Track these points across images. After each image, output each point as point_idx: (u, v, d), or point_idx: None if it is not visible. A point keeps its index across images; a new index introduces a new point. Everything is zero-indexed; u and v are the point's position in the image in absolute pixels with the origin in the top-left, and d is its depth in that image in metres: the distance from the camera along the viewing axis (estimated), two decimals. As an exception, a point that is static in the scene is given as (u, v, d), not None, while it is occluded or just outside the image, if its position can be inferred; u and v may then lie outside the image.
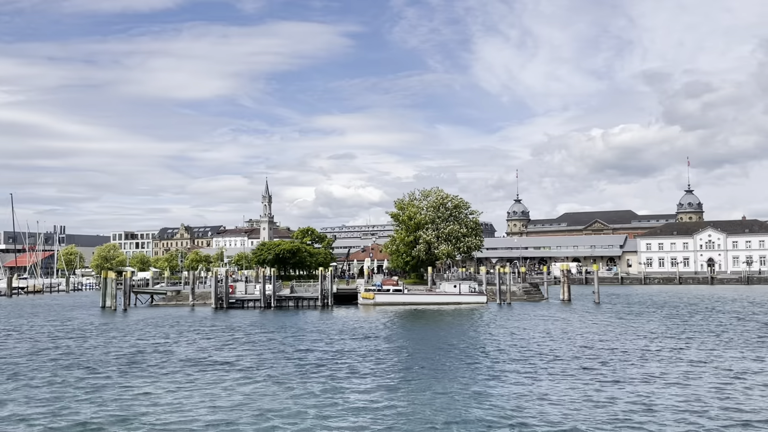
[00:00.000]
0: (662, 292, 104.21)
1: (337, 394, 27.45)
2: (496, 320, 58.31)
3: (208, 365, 35.10)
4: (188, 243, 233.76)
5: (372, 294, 75.98)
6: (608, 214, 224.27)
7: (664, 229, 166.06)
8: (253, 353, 39.36)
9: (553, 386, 28.40)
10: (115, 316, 68.59)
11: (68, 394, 28.04)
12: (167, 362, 36.29)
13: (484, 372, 31.92)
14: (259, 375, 31.97)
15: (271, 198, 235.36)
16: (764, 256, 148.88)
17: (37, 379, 31.44)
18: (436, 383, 29.07)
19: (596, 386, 28.33)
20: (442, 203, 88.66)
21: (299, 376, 31.43)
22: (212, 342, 44.98)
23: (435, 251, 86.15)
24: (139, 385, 29.60)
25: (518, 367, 33.21)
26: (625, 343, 42.20)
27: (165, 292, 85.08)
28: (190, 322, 59.44)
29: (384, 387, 28.71)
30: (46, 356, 38.98)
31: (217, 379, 31.16)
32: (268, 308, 74.68)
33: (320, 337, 47.06)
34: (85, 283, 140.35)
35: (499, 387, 28.38)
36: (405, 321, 59.07)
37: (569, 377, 30.51)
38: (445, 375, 31.15)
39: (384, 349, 40.43)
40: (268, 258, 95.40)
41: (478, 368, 32.94)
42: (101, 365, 35.43)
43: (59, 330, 54.09)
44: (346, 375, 31.70)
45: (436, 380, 29.78)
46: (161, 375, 32.32)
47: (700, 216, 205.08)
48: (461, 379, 30.17)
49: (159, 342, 45.25)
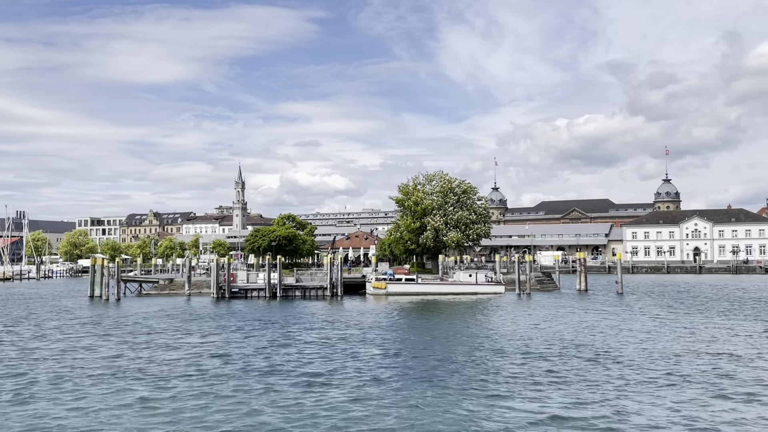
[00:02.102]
0: (666, 282, 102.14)
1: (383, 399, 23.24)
2: (524, 313, 54.29)
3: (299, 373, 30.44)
4: (157, 229, 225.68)
5: (384, 283, 71.63)
6: (585, 202, 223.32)
7: (649, 218, 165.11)
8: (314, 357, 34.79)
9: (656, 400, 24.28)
10: (110, 307, 62.91)
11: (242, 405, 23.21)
12: (237, 369, 31.51)
13: (550, 383, 27.43)
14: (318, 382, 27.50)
15: (244, 184, 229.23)
16: (750, 245, 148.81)
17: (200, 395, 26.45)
18: (491, 396, 24.79)
19: (706, 402, 23.81)
20: (450, 188, 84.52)
21: (362, 383, 27.05)
22: (262, 341, 40.21)
23: (443, 239, 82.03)
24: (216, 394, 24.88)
25: (597, 377, 27.52)
26: (723, 346, 35.62)
27: (157, 280, 79.34)
28: (206, 314, 54.30)
29: (432, 394, 24.54)
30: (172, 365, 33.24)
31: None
32: (274, 298, 69.83)
33: (348, 332, 42.39)
34: (55, 270, 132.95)
35: (588, 407, 24.00)
36: (424, 313, 54.31)
37: (658, 387, 25.65)
38: (497, 384, 26.67)
39: (416, 347, 35.65)
40: (263, 245, 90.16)
41: (539, 377, 28.26)
42: (245, 371, 30.49)
43: (90, 328, 48.57)
44: (395, 379, 27.31)
45: (490, 393, 25.39)
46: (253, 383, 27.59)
47: (677, 205, 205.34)
48: (514, 386, 25.96)
49: (199, 342, 40.28)
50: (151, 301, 67.57)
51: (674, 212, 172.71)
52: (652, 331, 42.06)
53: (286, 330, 43.43)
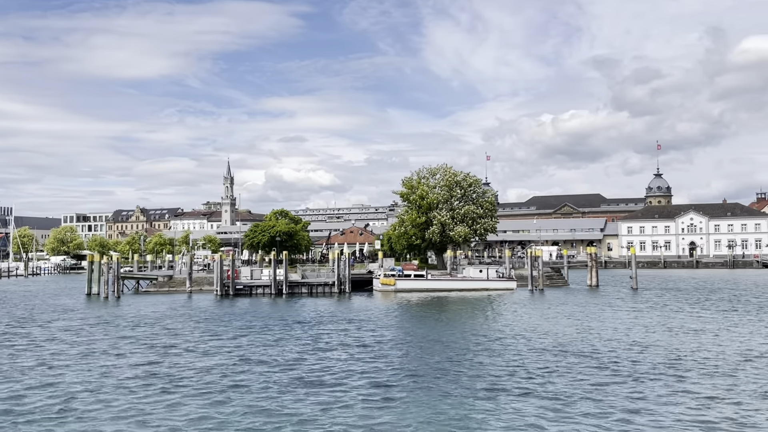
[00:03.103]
0: (670, 277, 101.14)
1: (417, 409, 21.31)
2: (546, 309, 52.61)
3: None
4: (144, 225, 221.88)
5: (393, 280, 69.60)
6: (577, 197, 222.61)
7: (645, 213, 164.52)
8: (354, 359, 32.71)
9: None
10: (112, 305, 60.36)
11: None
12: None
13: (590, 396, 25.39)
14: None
15: (233, 179, 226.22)
16: (746, 240, 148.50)
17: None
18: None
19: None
20: (456, 182, 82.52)
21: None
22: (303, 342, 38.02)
23: (450, 233, 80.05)
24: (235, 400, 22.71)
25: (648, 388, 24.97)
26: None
27: (155, 277, 76.74)
28: (217, 313, 52.03)
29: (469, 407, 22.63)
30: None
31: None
32: (279, 295, 67.54)
33: (366, 333, 40.44)
34: (43, 267, 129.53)
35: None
36: (439, 311, 52.15)
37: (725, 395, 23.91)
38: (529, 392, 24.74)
39: (440, 349, 33.57)
40: (263, 240, 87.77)
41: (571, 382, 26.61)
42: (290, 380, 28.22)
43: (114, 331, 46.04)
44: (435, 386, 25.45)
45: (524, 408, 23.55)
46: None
47: (669, 200, 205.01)
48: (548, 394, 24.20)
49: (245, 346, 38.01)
50: (152, 300, 65.02)
51: (669, 207, 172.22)
52: (708, 330, 39.80)
53: (303, 331, 41.29)
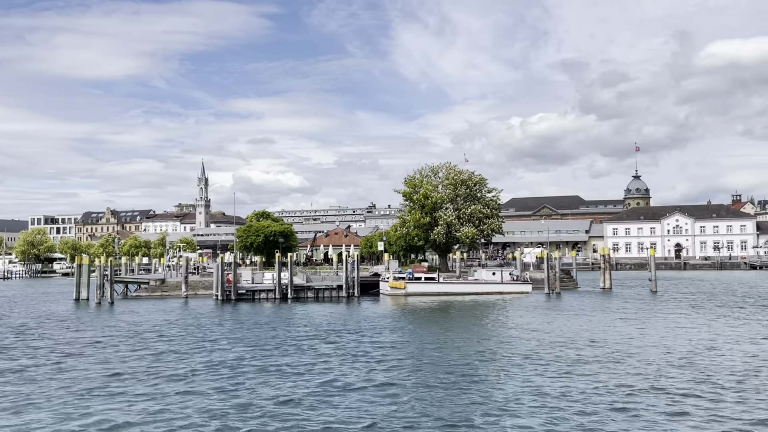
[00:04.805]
0: (669, 278, 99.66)
1: None
2: (568, 316, 49.83)
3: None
4: (115, 228, 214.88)
5: (403, 283, 66.25)
6: (556, 199, 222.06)
7: (630, 214, 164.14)
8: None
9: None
10: (105, 311, 55.81)
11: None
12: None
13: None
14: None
15: (207, 181, 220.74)
16: (731, 241, 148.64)
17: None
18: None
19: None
20: (461, 180, 79.47)
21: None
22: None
23: (456, 234, 76.94)
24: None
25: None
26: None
27: (147, 281, 72.23)
28: (226, 320, 48.09)
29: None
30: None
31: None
32: (284, 300, 63.71)
33: (388, 346, 37.23)
34: (14, 271, 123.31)
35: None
36: (458, 317, 48.49)
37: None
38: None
39: (479, 364, 31.03)
40: (257, 242, 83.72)
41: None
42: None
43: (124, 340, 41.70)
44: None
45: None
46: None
47: (647, 201, 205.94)
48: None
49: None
50: (148, 305, 60.55)
51: (654, 208, 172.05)
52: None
53: (324, 342, 37.83)
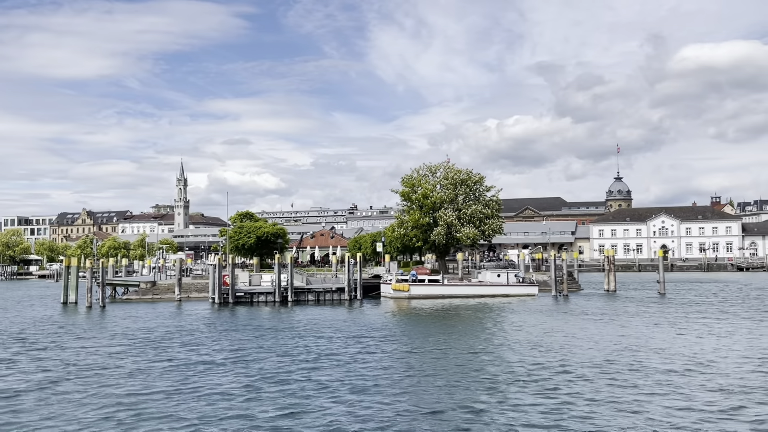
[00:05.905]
0: (673, 280, 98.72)
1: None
2: (583, 320, 48.17)
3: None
4: (91, 229, 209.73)
5: (407, 285, 64.16)
6: (538, 201, 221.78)
7: (615, 216, 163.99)
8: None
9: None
10: (97, 316, 52.73)
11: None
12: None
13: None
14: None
15: (186, 181, 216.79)
16: (717, 243, 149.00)
17: None
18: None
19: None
20: (461, 180, 77.54)
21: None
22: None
23: (457, 235, 74.97)
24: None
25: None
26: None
27: (137, 284, 69.20)
28: (230, 325, 45.52)
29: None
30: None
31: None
32: (284, 303, 61.22)
33: (401, 354, 35.20)
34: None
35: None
36: (467, 321, 46.68)
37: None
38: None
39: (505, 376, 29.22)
40: (249, 242, 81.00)
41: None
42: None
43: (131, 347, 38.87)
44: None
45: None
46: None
47: (629, 203, 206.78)
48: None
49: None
50: (143, 309, 57.51)
51: (640, 210, 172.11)
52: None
53: (330, 349, 35.63)
